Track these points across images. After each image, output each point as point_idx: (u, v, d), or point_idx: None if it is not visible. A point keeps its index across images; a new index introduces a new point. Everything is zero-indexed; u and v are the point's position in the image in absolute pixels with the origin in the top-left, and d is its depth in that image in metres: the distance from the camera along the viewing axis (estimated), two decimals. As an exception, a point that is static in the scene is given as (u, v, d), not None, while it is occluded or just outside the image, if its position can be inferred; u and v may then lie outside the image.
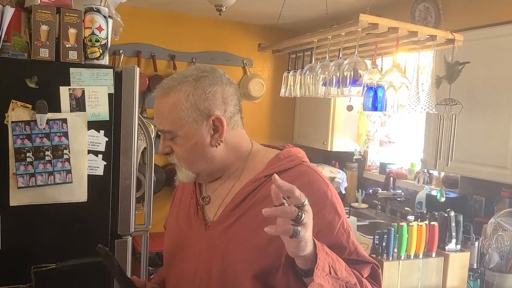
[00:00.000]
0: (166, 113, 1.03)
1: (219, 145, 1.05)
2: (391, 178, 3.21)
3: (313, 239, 0.87)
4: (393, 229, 2.13)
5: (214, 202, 1.11)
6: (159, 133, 1.08)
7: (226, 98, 1.06)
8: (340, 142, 3.57)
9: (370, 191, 3.27)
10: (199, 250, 1.07)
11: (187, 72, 1.06)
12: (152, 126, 3.32)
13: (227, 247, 1.03)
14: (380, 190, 3.19)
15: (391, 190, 3.18)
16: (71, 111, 1.62)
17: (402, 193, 3.11)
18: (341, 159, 3.74)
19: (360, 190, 3.49)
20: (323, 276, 0.87)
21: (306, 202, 0.81)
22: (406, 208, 3.04)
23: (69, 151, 1.62)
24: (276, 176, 0.79)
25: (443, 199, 2.58)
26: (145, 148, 1.96)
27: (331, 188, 1.05)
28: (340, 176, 3.55)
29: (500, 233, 2.18)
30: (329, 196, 1.03)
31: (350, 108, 3.44)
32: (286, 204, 0.80)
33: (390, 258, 2.13)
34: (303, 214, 0.79)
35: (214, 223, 1.07)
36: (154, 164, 1.98)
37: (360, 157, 3.59)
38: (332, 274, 0.90)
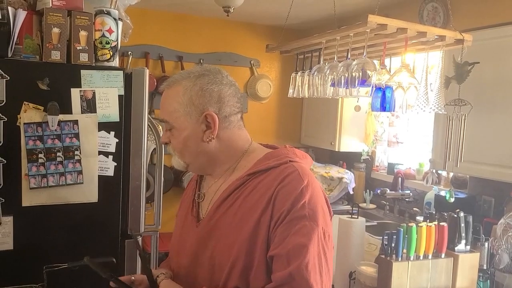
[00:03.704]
0: (166, 104, 1.12)
1: (211, 141, 1.10)
2: (399, 179, 3.20)
3: None
4: (402, 229, 2.13)
5: (207, 200, 1.17)
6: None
7: (223, 98, 1.11)
8: (347, 143, 3.57)
9: (378, 191, 3.26)
10: (189, 245, 1.13)
11: (192, 69, 1.14)
12: (161, 127, 3.34)
13: (212, 243, 1.08)
14: (388, 191, 3.18)
15: (400, 191, 3.17)
16: (82, 113, 1.63)
17: (411, 194, 3.10)
18: (348, 160, 3.74)
19: (368, 190, 3.48)
20: None
21: None
22: (414, 208, 3.03)
23: (80, 152, 1.64)
24: None
25: (452, 200, 2.57)
26: (154, 149, 1.97)
27: (310, 187, 1.02)
28: (348, 176, 3.54)
29: (510, 233, 2.17)
30: (304, 195, 1.00)
31: (358, 108, 3.43)
32: None
33: (399, 259, 2.12)
34: None
35: (204, 220, 1.13)
36: (163, 164, 1.99)
37: (368, 157, 3.58)
38: None
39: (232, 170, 1.14)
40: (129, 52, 3.47)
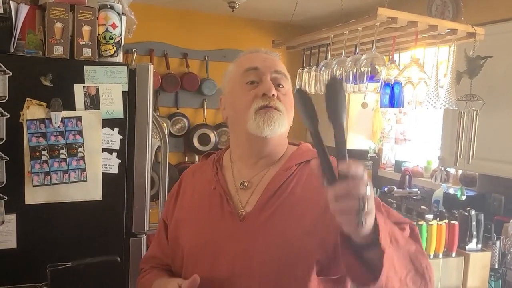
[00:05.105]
0: (282, 67, 1.14)
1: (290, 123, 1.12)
2: (407, 176, 3.16)
3: None
4: (411, 228, 2.09)
5: (245, 192, 1.09)
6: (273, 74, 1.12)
7: None
8: (354, 140, 3.53)
9: (385, 189, 3.22)
10: (235, 243, 1.02)
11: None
12: (165, 124, 3.31)
13: (269, 238, 1.00)
14: (395, 189, 3.14)
15: (407, 189, 3.13)
16: (85, 109, 1.61)
17: (418, 192, 3.06)
18: (355, 157, 3.68)
19: (375, 188, 3.44)
20: (388, 247, 0.82)
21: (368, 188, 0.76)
22: (422, 206, 2.97)
23: (83, 149, 1.61)
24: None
25: (463, 198, 2.52)
26: (159, 147, 1.94)
27: None
28: (355, 174, 3.50)
29: (522, 232, 2.13)
30: None
31: (364, 105, 3.38)
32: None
33: (409, 257, 2.08)
34: (366, 203, 0.74)
35: (250, 214, 1.04)
36: (168, 162, 1.96)
37: (374, 155, 3.54)
38: (393, 243, 0.85)
39: (271, 162, 1.11)
40: (133, 49, 3.45)
